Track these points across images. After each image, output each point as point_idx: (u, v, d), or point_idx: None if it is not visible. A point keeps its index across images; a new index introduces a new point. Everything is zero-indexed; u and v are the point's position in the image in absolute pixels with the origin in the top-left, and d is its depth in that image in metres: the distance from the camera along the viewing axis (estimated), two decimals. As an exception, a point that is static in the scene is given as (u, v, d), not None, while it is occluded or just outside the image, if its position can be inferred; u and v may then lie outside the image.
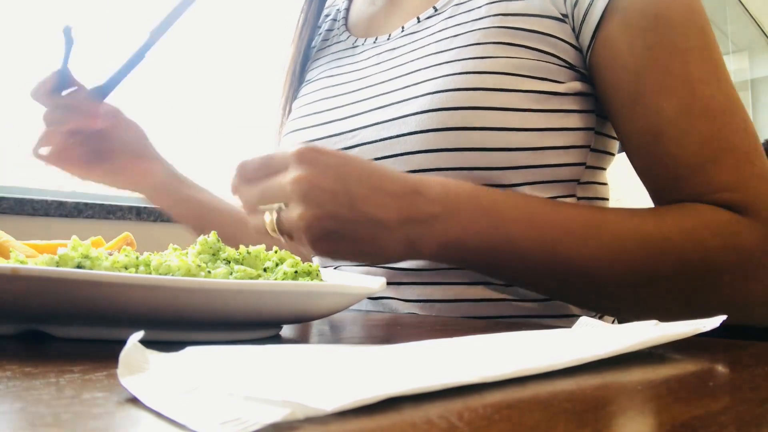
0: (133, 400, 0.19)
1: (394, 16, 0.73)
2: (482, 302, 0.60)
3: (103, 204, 1.73)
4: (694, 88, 0.52)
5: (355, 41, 0.75)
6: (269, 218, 0.44)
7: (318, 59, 0.80)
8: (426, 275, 0.61)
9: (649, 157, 0.54)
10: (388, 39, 0.70)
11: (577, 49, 0.58)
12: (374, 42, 0.72)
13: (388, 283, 0.63)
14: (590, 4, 0.56)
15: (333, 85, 0.72)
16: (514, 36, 0.58)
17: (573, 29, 0.58)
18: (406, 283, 0.62)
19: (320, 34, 0.84)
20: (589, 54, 0.57)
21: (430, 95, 0.58)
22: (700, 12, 0.54)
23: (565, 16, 0.58)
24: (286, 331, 0.40)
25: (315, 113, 0.71)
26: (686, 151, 0.52)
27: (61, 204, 1.62)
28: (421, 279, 0.61)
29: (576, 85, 0.59)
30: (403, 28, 0.69)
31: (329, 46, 0.80)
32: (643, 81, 0.53)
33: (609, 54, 0.56)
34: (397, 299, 0.63)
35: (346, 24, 0.80)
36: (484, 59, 0.58)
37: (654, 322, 0.37)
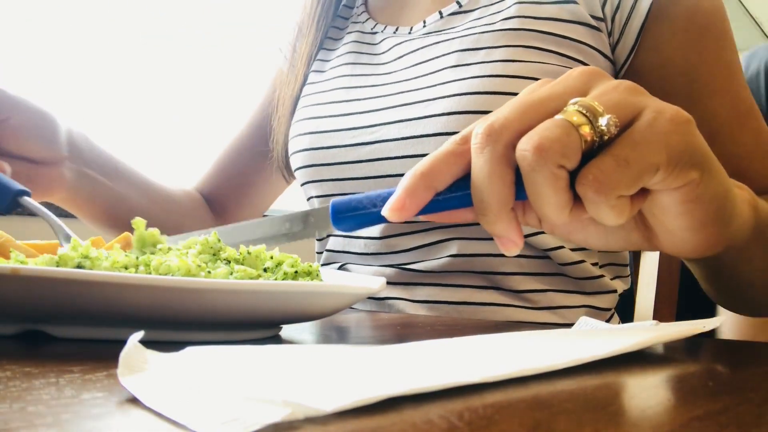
0: (133, 400, 0.19)
1: (413, 5, 0.70)
2: (491, 306, 0.59)
3: (103, 204, 1.73)
4: (737, 91, 0.58)
5: (374, 26, 0.71)
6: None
7: (335, 39, 0.75)
8: (436, 276, 0.61)
9: None
10: (410, 32, 0.68)
11: (605, 56, 0.59)
12: (394, 32, 0.69)
13: (397, 284, 0.62)
14: (632, 8, 0.58)
15: (351, 75, 0.69)
16: (542, 40, 0.58)
17: (609, 33, 0.59)
18: (416, 284, 0.62)
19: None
20: (631, 58, 0.59)
21: (457, 97, 0.58)
22: (729, 23, 0.60)
23: (600, 20, 0.59)
24: (286, 331, 0.40)
25: (331, 102, 0.68)
26: (744, 148, 0.57)
27: (61, 204, 1.62)
28: (431, 280, 0.61)
29: None
30: (425, 22, 0.67)
31: (348, 25, 0.75)
32: (696, 85, 0.58)
33: (658, 58, 0.59)
34: (406, 300, 0.62)
35: (366, 5, 0.75)
36: (511, 63, 0.58)
37: (654, 322, 0.37)
